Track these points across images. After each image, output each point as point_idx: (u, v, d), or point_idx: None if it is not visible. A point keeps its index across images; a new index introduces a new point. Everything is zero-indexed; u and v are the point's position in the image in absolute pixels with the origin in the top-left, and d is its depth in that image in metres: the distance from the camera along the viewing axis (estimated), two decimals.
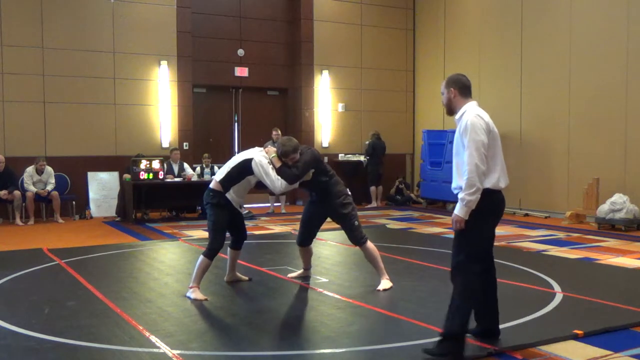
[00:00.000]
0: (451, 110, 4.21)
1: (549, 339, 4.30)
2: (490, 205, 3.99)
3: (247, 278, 6.24)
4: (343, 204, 5.78)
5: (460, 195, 3.91)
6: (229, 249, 6.07)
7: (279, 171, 5.47)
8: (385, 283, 5.80)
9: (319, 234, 9.33)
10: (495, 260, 7.48)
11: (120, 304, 5.34)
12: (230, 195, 5.56)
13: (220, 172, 5.65)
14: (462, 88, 4.14)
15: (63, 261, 7.29)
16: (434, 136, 13.53)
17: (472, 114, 3.98)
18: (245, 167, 5.53)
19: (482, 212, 3.93)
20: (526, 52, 12.39)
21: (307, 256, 6.25)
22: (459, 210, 3.91)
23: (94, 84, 12.21)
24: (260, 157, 5.53)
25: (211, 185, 5.65)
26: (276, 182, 5.43)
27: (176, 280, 6.42)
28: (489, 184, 3.95)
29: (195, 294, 5.50)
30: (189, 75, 13.02)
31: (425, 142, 13.66)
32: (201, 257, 5.58)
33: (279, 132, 12.45)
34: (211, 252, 5.54)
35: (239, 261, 7.34)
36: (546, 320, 4.79)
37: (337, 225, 6.05)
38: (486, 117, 4.04)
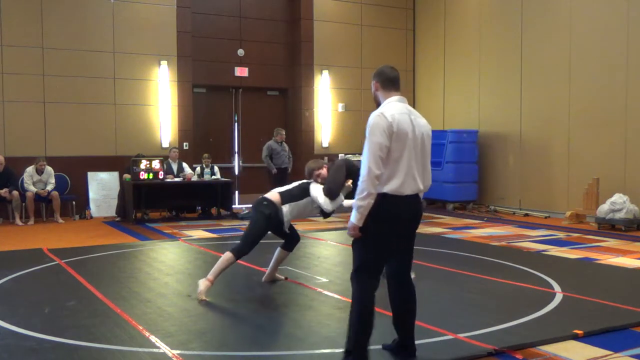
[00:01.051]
0: (378, 104, 3.88)
1: (549, 339, 4.30)
2: (387, 212, 3.63)
3: (283, 277, 6.28)
4: None
5: (353, 201, 3.67)
6: (279, 248, 6.13)
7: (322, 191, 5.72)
8: None
9: (320, 234, 9.32)
10: (495, 260, 7.52)
11: (120, 304, 5.34)
12: (285, 208, 5.72)
13: (281, 188, 5.91)
14: (384, 81, 3.84)
15: (63, 261, 7.30)
16: (434, 136, 13.24)
17: (376, 113, 3.69)
18: (305, 189, 5.81)
19: (377, 219, 3.61)
20: (526, 52, 12.39)
21: None
22: (352, 216, 3.64)
23: (94, 84, 12.21)
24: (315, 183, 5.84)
25: (268, 195, 5.78)
26: (322, 199, 5.66)
27: (176, 280, 6.42)
28: (387, 188, 3.61)
29: (204, 285, 5.48)
30: (189, 75, 13.02)
31: None
32: (228, 252, 5.58)
33: (283, 132, 12.43)
34: (239, 253, 5.58)
35: (237, 260, 7.35)
36: (546, 320, 4.79)
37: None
38: (396, 115, 3.66)
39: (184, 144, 12.94)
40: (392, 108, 3.73)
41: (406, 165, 3.67)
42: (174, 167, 11.95)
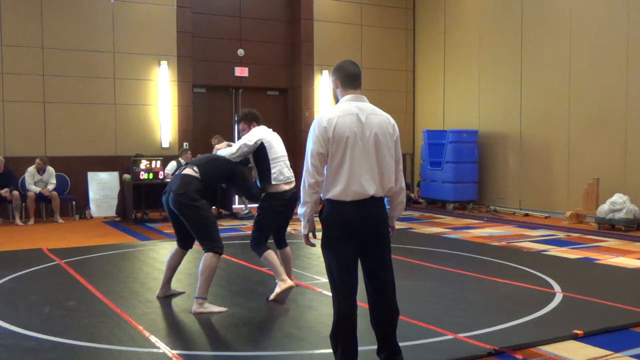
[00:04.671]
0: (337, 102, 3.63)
1: (549, 339, 4.30)
2: (333, 218, 3.43)
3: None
4: None
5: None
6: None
7: None
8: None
9: (319, 234, 9.25)
10: (495, 260, 7.50)
11: (120, 304, 5.34)
12: None
13: None
14: (344, 77, 3.53)
15: (63, 261, 7.30)
16: (434, 136, 13.53)
17: (317, 116, 3.47)
18: None
19: (326, 225, 3.46)
20: (526, 52, 12.39)
21: None
22: (301, 225, 3.54)
23: (94, 84, 12.21)
24: None
25: None
26: None
27: (176, 280, 6.41)
28: (331, 195, 3.42)
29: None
30: (189, 75, 13.02)
31: (425, 142, 13.67)
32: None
33: (217, 140, 12.10)
34: None
35: (237, 260, 7.36)
36: (546, 320, 4.80)
37: None
38: (336, 118, 3.40)
39: (184, 144, 12.94)
40: (336, 109, 3.47)
41: (348, 170, 3.38)
42: None
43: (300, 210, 3.49)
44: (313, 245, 3.62)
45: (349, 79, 3.54)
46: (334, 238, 3.45)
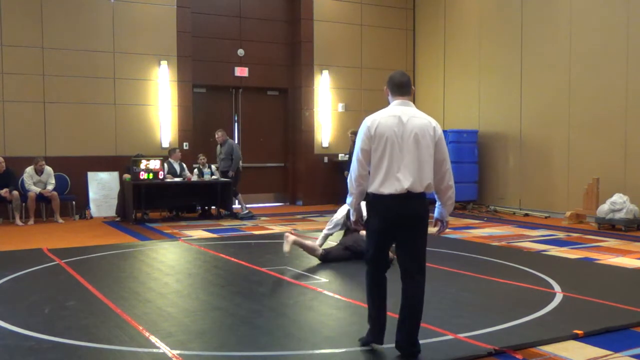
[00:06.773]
0: None
1: (549, 339, 4.30)
2: (374, 209, 3.98)
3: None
4: None
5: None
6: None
7: None
8: None
9: (319, 234, 9.24)
10: (495, 260, 7.51)
11: (120, 304, 5.34)
12: None
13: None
14: (392, 86, 4.09)
15: (63, 261, 7.29)
16: None
17: (366, 118, 4.03)
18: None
19: (370, 215, 4.00)
20: (526, 52, 12.39)
21: None
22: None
23: (94, 84, 12.21)
24: None
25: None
26: None
27: (176, 280, 6.42)
28: (371, 188, 3.94)
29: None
30: (189, 75, 13.02)
31: None
32: None
33: (221, 134, 12.19)
34: None
35: (238, 260, 7.36)
36: (546, 320, 4.79)
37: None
38: (379, 118, 3.96)
39: (184, 144, 12.95)
40: (382, 112, 4.00)
41: (386, 166, 3.88)
42: (177, 167, 11.93)
43: (348, 200, 4.04)
44: (359, 229, 4.15)
45: (396, 87, 4.06)
46: (375, 225, 3.97)
